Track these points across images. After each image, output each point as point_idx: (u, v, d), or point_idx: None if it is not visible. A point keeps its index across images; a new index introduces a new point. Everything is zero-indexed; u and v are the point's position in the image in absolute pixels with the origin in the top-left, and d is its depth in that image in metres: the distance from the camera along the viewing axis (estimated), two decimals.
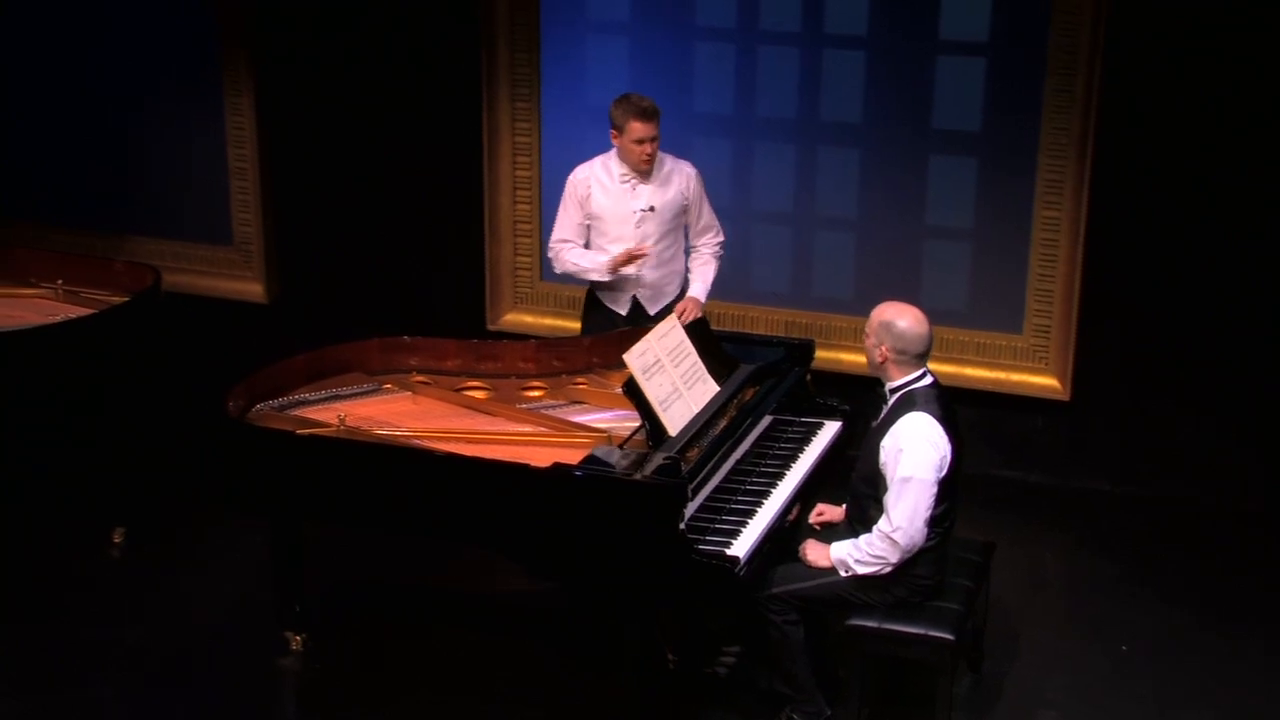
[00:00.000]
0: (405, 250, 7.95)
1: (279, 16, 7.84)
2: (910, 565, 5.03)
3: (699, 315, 6.09)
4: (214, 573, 6.40)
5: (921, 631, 5.03)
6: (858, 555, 5.02)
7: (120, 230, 8.46)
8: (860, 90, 7.10)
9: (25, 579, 6.32)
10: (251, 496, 5.57)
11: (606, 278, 6.25)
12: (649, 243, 6.21)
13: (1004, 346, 7.14)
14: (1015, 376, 7.13)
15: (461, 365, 6.03)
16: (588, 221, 6.29)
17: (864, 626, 5.07)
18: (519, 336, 7.06)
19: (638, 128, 6.07)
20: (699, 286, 6.31)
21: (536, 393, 5.90)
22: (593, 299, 6.41)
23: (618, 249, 6.21)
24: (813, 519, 5.42)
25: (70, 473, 6.81)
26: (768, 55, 7.21)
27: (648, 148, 6.10)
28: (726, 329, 6.86)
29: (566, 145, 7.56)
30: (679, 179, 6.27)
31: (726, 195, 7.39)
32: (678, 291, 6.38)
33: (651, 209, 6.21)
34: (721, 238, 6.43)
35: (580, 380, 5.98)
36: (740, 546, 4.96)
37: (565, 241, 6.32)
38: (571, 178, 6.31)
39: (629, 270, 6.21)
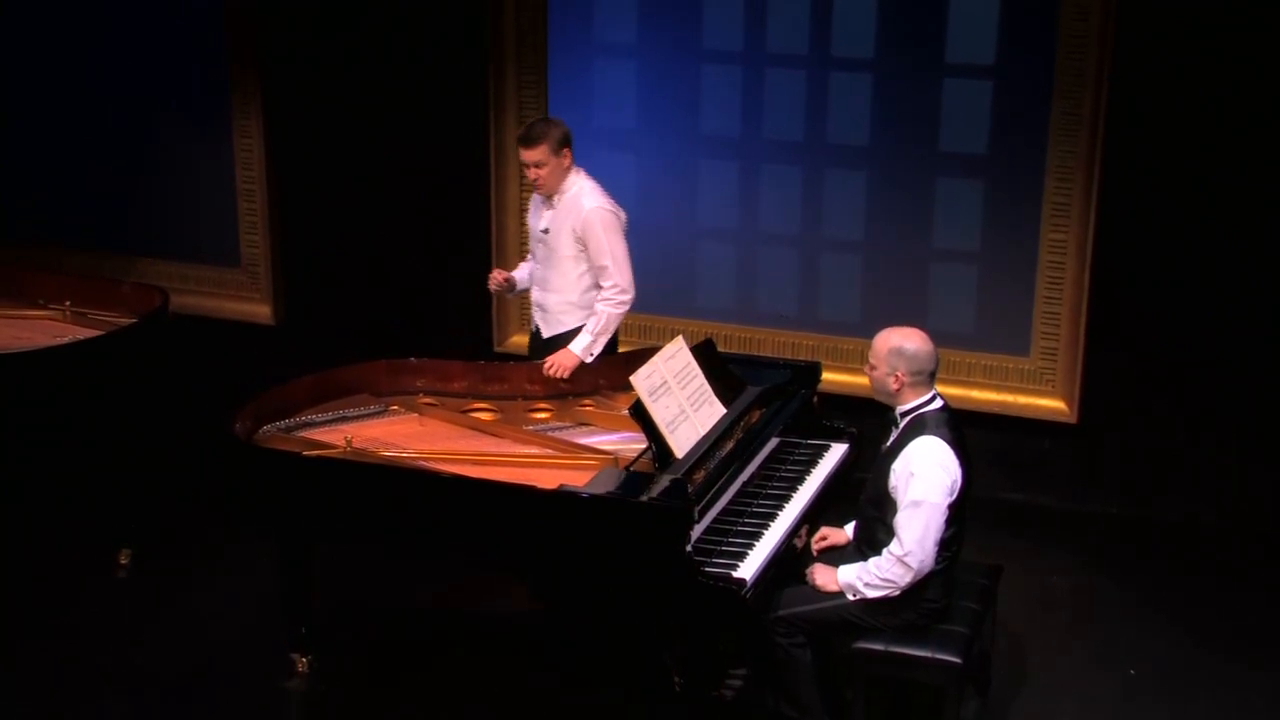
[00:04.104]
0: (412, 272, 7.96)
1: (287, 39, 7.87)
2: (918, 588, 5.02)
3: (564, 375, 6.01)
4: (220, 594, 6.40)
5: (928, 655, 5.02)
6: (867, 579, 5.01)
7: (128, 252, 8.48)
8: (867, 113, 7.11)
9: (32, 599, 6.32)
10: (258, 518, 5.58)
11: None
12: (542, 265, 6.33)
13: (1011, 369, 7.13)
14: (1022, 399, 7.12)
15: (468, 387, 6.04)
16: None
17: (871, 649, 5.05)
18: (526, 358, 7.06)
19: (521, 153, 6.17)
20: (579, 339, 6.13)
21: (543, 414, 5.91)
22: None
23: (533, 261, 6.46)
24: (815, 544, 5.40)
25: (77, 494, 6.81)
26: (775, 78, 7.22)
27: (530, 173, 6.18)
28: (733, 351, 6.86)
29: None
30: (573, 213, 6.17)
31: (733, 217, 7.41)
32: (578, 324, 6.26)
33: (545, 231, 6.26)
34: (615, 283, 6.17)
35: (587, 402, 5.98)
36: (747, 569, 4.95)
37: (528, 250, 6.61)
38: None
39: (491, 287, 6.48)
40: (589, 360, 6.08)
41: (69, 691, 5.71)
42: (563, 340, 6.23)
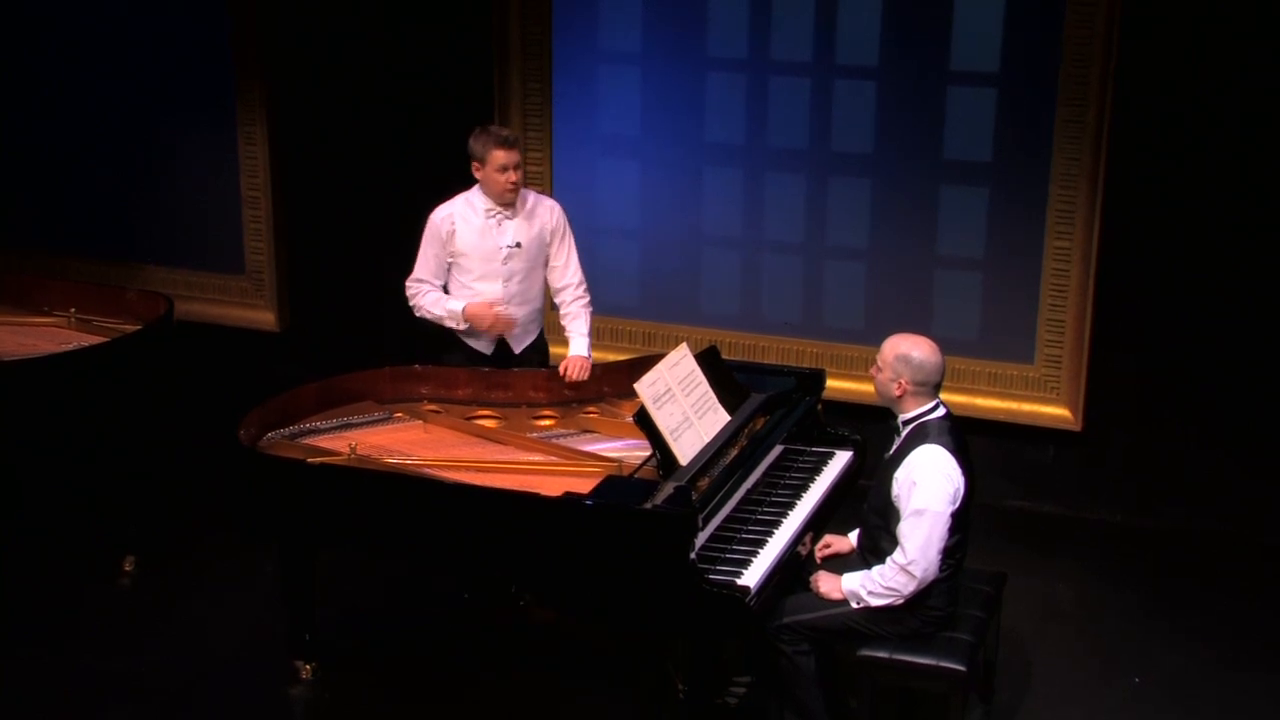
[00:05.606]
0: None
1: (292, 46, 7.88)
2: (922, 596, 5.02)
3: (586, 377, 6.03)
4: (225, 601, 6.40)
5: (933, 662, 5.02)
6: (870, 587, 5.01)
7: (133, 259, 8.49)
8: (871, 121, 7.11)
9: (36, 606, 6.32)
10: (262, 525, 5.59)
11: (461, 327, 6.19)
12: (515, 280, 6.17)
13: (1015, 376, 7.13)
14: (1027, 406, 7.12)
15: (472, 394, 6.04)
16: (450, 260, 6.21)
17: (875, 657, 5.05)
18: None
19: (500, 156, 6.00)
20: (581, 343, 6.17)
21: (547, 421, 5.91)
22: (453, 337, 6.30)
23: (484, 286, 6.16)
24: (819, 551, 5.39)
25: (81, 500, 6.82)
26: (779, 85, 7.22)
27: (512, 175, 6.03)
28: (737, 358, 6.86)
29: (578, 175, 7.59)
30: (542, 213, 6.19)
31: (737, 224, 7.41)
32: (540, 329, 6.33)
33: (518, 245, 6.15)
34: (580, 278, 6.27)
35: (591, 409, 5.98)
36: (751, 576, 4.95)
37: (422, 282, 6.24)
38: (432, 217, 6.20)
39: (485, 328, 6.13)
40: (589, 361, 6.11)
41: (72, 698, 5.71)
42: (530, 351, 6.24)
